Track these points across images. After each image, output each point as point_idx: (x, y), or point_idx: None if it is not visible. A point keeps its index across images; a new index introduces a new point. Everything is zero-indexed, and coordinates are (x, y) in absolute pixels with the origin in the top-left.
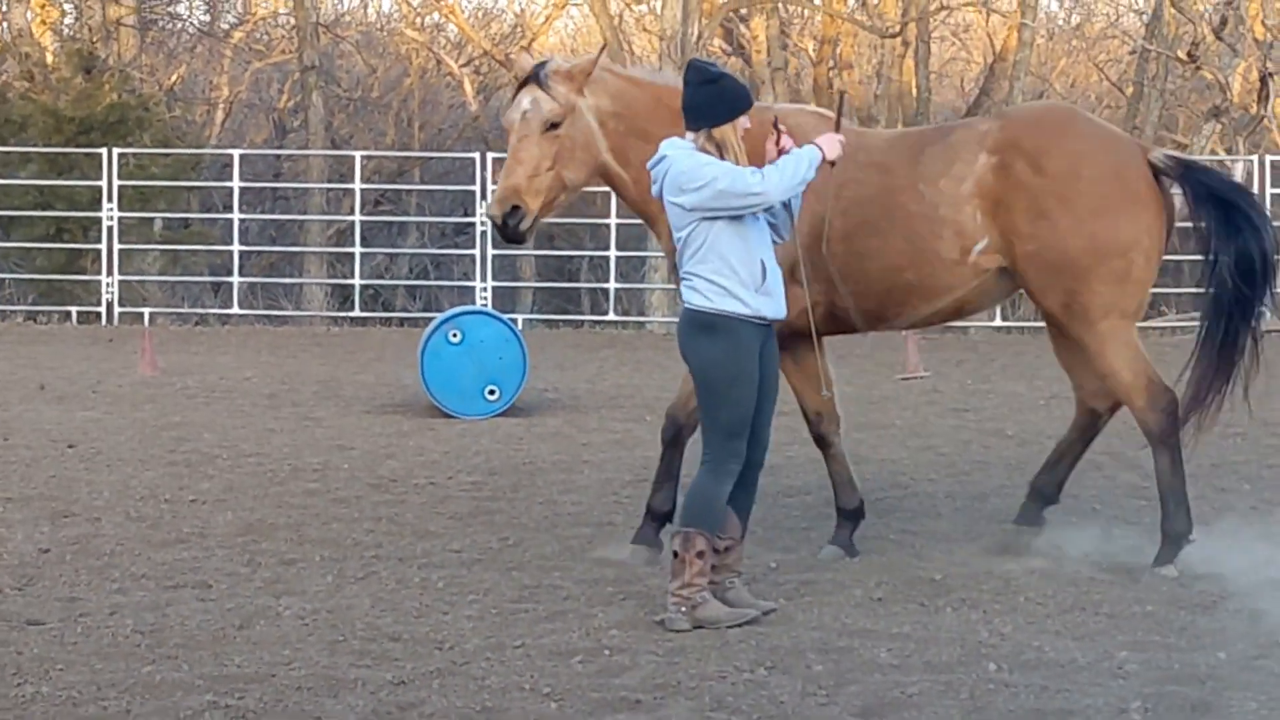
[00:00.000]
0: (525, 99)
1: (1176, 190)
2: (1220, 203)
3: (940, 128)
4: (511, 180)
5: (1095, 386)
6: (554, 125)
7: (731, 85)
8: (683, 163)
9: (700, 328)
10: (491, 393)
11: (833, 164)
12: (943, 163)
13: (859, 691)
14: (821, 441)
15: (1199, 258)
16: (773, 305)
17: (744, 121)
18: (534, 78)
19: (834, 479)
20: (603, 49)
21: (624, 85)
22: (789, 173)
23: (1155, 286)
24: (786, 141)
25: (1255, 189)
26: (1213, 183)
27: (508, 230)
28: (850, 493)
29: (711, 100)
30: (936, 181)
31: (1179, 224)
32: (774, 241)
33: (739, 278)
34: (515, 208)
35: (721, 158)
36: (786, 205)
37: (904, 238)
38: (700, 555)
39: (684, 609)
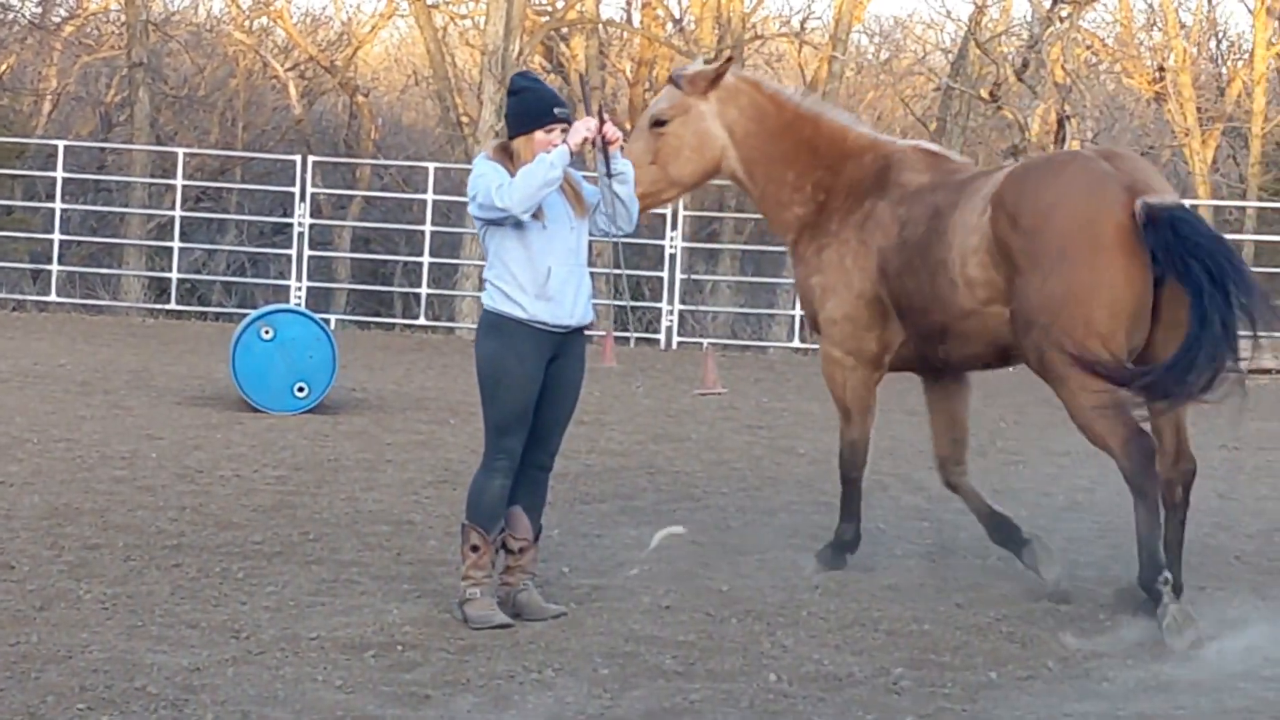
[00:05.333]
0: (656, 98)
1: None
2: (1199, 268)
3: (986, 172)
4: None
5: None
6: (659, 123)
7: (532, 100)
8: (473, 173)
9: (483, 326)
10: (300, 390)
11: (578, 148)
12: (970, 211)
13: (642, 696)
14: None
15: None
16: (554, 311)
17: (543, 135)
18: (671, 78)
19: (976, 514)
20: (729, 60)
21: (763, 102)
22: (528, 180)
23: None
24: (610, 130)
25: None
26: (1189, 247)
27: None
28: (998, 520)
29: (512, 112)
30: (962, 230)
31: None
32: (614, 234)
33: (517, 282)
34: None
35: (512, 169)
36: (618, 196)
37: (932, 281)
38: (474, 549)
39: (457, 600)
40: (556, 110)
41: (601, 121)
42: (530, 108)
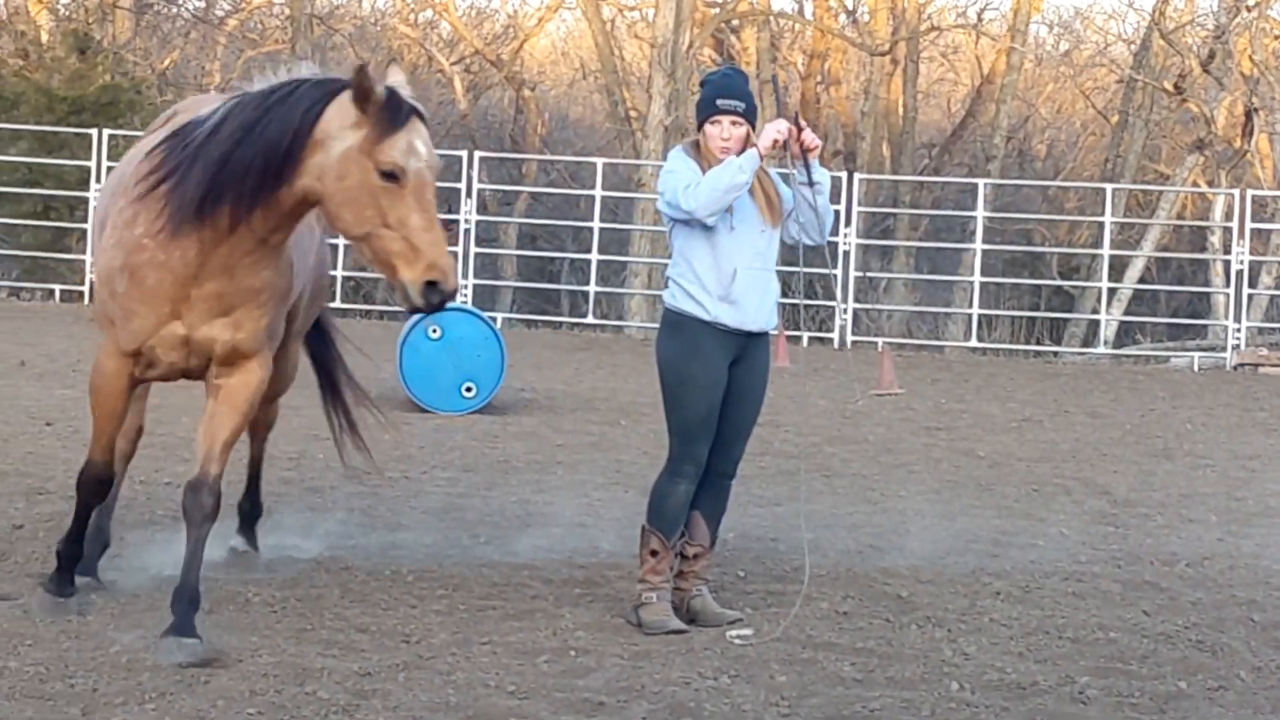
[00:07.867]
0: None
1: None
2: None
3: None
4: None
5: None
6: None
7: (704, 93)
8: (664, 168)
9: (665, 325)
10: (468, 390)
11: (772, 150)
12: None
13: (821, 704)
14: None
15: (1176, 288)
16: (736, 315)
17: (711, 129)
18: (415, 112)
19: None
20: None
21: None
22: (713, 184)
23: (1131, 314)
24: (808, 137)
25: (1236, 223)
26: None
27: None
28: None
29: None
30: None
31: (1156, 253)
32: (805, 243)
33: (701, 283)
34: None
35: (702, 164)
36: (814, 208)
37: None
38: (653, 553)
39: (632, 604)
40: (719, 102)
41: (799, 129)
42: (700, 101)
